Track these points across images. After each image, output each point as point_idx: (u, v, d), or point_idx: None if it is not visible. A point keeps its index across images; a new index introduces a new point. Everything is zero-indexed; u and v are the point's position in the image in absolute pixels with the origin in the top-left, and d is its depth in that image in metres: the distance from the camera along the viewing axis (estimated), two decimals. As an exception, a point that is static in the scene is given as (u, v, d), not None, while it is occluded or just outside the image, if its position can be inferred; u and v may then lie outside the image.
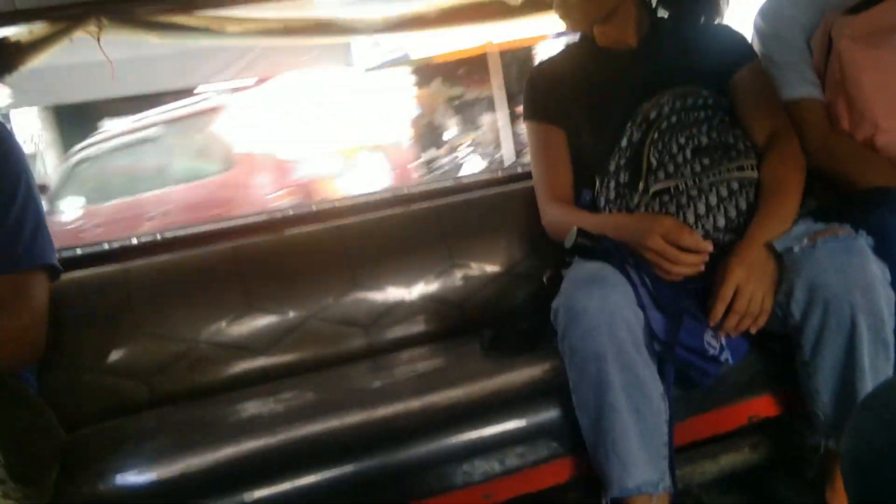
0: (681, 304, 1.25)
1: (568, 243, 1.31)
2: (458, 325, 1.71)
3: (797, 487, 1.55)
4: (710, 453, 1.48)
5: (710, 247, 1.24)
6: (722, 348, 1.25)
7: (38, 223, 1.29)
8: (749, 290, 1.22)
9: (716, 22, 1.56)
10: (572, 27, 1.57)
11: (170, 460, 1.22)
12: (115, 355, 1.58)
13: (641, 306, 1.20)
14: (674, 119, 1.38)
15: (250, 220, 1.85)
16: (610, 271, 1.21)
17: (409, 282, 1.74)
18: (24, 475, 1.10)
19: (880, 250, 1.21)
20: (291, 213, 1.87)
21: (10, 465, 1.07)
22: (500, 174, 2.01)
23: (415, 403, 1.29)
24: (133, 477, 1.20)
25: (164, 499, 1.15)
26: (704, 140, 1.36)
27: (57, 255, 1.37)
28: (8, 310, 1.22)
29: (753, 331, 1.25)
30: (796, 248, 1.22)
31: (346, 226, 1.80)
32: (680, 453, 1.37)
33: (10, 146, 1.29)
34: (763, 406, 1.37)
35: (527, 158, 1.82)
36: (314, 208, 1.88)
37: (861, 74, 1.43)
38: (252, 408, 1.42)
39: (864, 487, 0.63)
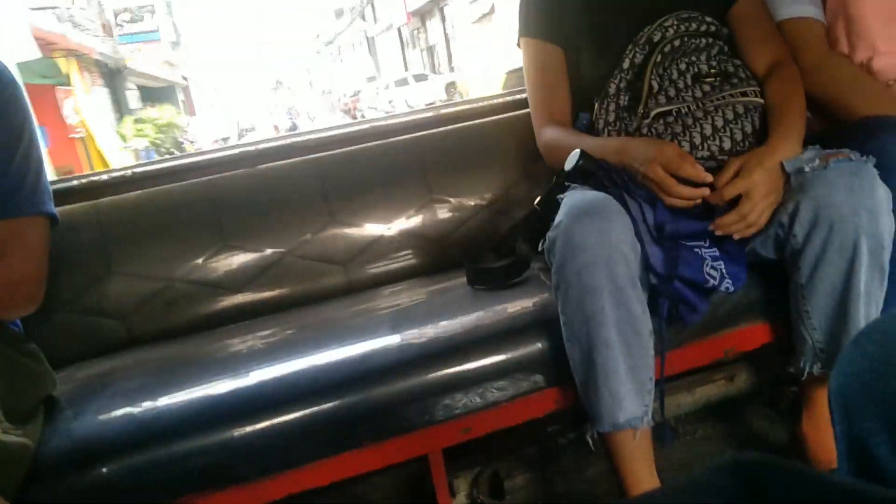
0: (672, 234, 1.24)
1: (569, 166, 1.28)
2: (438, 261, 1.70)
3: (771, 418, 1.58)
4: (686, 386, 1.51)
5: (709, 178, 1.22)
6: (722, 277, 1.24)
7: (39, 170, 1.26)
8: (757, 195, 1.21)
9: None
10: None
11: (148, 399, 1.21)
12: (89, 294, 1.56)
13: (640, 239, 1.19)
14: (677, 42, 1.35)
15: (224, 153, 1.80)
16: (609, 203, 1.18)
17: (388, 217, 1.72)
18: (20, 417, 1.11)
19: (881, 179, 1.20)
20: (266, 146, 1.82)
21: (9, 407, 1.07)
22: (482, 104, 1.96)
23: (393, 339, 1.28)
24: (111, 416, 1.19)
25: (144, 436, 1.15)
26: (704, 67, 1.34)
27: None
28: (9, 255, 1.19)
29: (737, 237, 1.24)
30: (807, 169, 1.21)
31: (323, 159, 1.76)
32: (656, 386, 1.39)
33: (15, 92, 1.25)
34: (740, 339, 1.38)
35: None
36: (289, 141, 1.83)
37: None
38: (230, 345, 1.42)
39: (850, 426, 0.63)
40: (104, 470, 1.11)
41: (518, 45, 1.60)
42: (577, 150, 1.28)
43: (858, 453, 0.61)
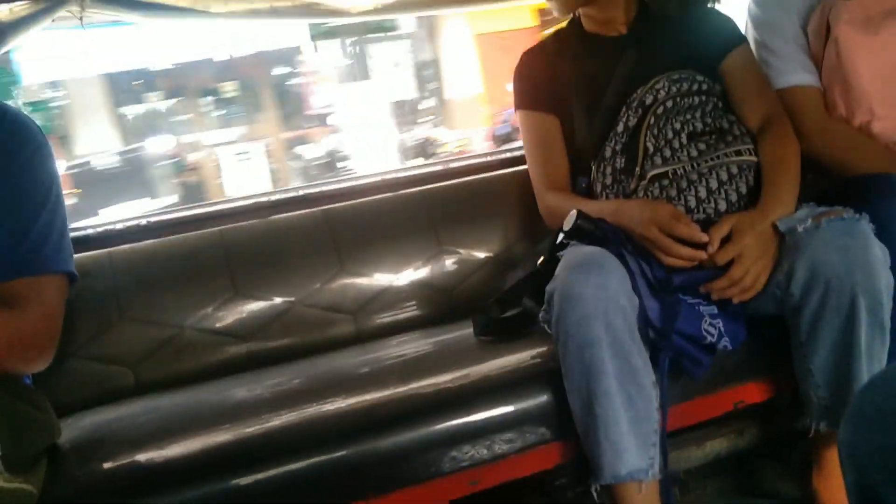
0: (678, 290, 1.25)
1: (567, 226, 1.30)
2: (446, 312, 1.71)
3: (782, 473, 1.56)
4: (695, 439, 1.49)
5: (705, 238, 1.24)
6: (721, 335, 1.25)
7: (63, 229, 1.27)
8: (750, 259, 1.22)
9: (705, 6, 1.55)
10: (558, 10, 1.56)
11: (155, 447, 1.21)
12: (100, 342, 1.57)
13: (637, 293, 1.20)
14: (669, 104, 1.37)
15: (237, 204, 1.84)
16: (607, 257, 1.20)
17: (397, 267, 1.74)
18: (21, 466, 1.10)
19: (879, 237, 1.21)
20: (278, 197, 1.85)
21: (6, 455, 1.06)
22: (490, 159, 1.99)
23: (401, 389, 1.28)
24: (118, 464, 1.19)
25: (149, 485, 1.15)
26: (699, 125, 1.36)
27: None
28: (27, 311, 1.19)
29: (736, 300, 1.25)
30: (800, 228, 1.22)
31: (334, 210, 1.78)
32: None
33: (46, 149, 1.27)
34: (749, 392, 1.37)
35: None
36: (301, 192, 1.87)
37: (858, 61, 1.43)
38: (238, 394, 1.42)
39: (861, 477, 0.63)
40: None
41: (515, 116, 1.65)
42: (574, 210, 1.30)
43: (868, 503, 0.61)
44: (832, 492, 1.32)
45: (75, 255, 1.61)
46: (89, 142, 7.40)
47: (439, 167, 1.99)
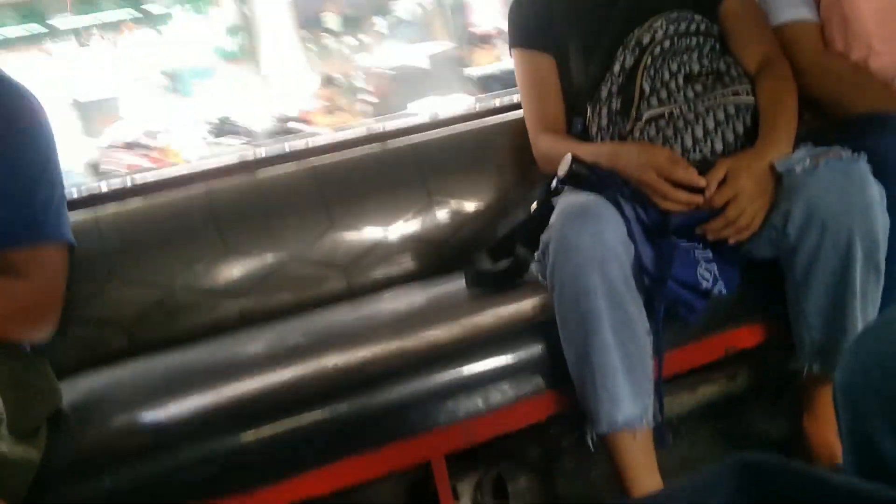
0: (674, 235, 1.25)
1: (561, 171, 1.29)
2: (439, 265, 1.70)
3: (773, 415, 1.59)
4: (687, 385, 1.51)
5: (702, 182, 1.22)
6: (715, 280, 1.25)
7: (62, 198, 1.27)
8: (746, 200, 1.21)
9: None
10: None
11: (151, 408, 1.22)
12: (91, 305, 1.56)
13: (633, 240, 1.19)
14: (667, 44, 1.35)
15: (223, 161, 1.81)
16: (602, 204, 1.19)
17: (387, 221, 1.72)
18: (25, 432, 1.11)
19: (877, 176, 1.20)
20: (264, 153, 1.82)
21: (15, 423, 1.07)
22: (477, 108, 1.96)
23: (395, 343, 1.29)
24: (114, 427, 1.20)
25: (147, 446, 1.16)
26: (696, 67, 1.34)
27: None
28: (31, 279, 1.20)
29: (732, 241, 1.25)
30: (798, 169, 1.21)
31: (321, 165, 1.76)
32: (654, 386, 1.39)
33: (43, 120, 1.25)
34: (739, 337, 1.39)
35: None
36: (287, 148, 1.84)
37: None
38: (233, 352, 1.42)
39: (857, 423, 0.63)
40: (108, 481, 1.12)
41: (510, 55, 1.61)
42: (569, 155, 1.29)
43: (863, 449, 0.62)
44: (822, 432, 1.34)
45: (61, 219, 1.60)
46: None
47: (426, 118, 1.95)
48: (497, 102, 1.97)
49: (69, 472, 1.12)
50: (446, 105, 4.69)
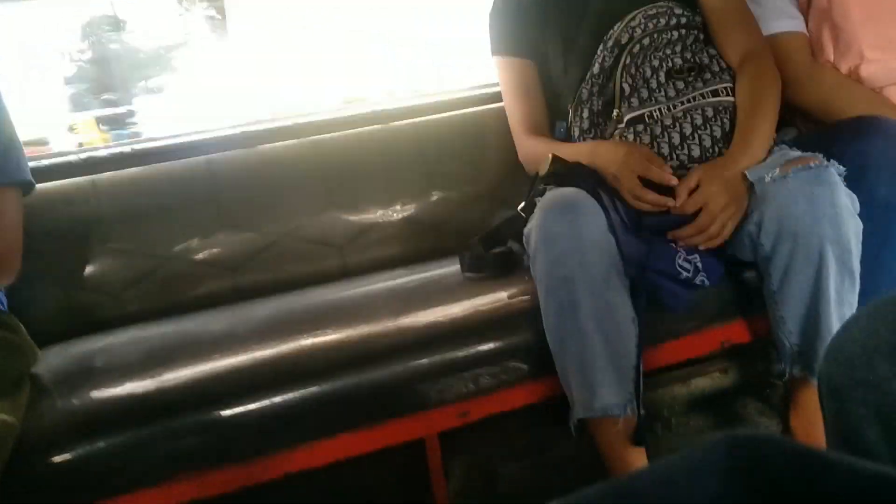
0: (651, 228, 1.25)
1: (543, 170, 1.30)
2: (434, 248, 1.70)
3: (764, 411, 1.60)
4: (681, 377, 1.52)
5: (675, 181, 1.23)
6: (697, 270, 1.25)
7: (10, 138, 1.24)
8: (717, 208, 1.22)
9: None
10: None
11: (143, 376, 1.20)
12: (84, 270, 1.55)
13: (613, 231, 1.20)
14: (646, 41, 1.35)
15: (225, 133, 1.79)
16: (583, 196, 1.20)
17: (386, 202, 1.72)
18: (1, 390, 1.09)
19: (861, 179, 1.21)
20: (266, 126, 1.81)
21: None
22: (484, 92, 1.95)
23: (389, 323, 1.29)
24: (106, 392, 1.18)
25: (138, 414, 1.14)
26: (678, 61, 1.34)
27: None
28: None
29: (703, 248, 1.25)
30: (768, 178, 1.22)
31: (323, 142, 1.75)
32: (652, 377, 1.40)
33: None
34: (735, 332, 1.39)
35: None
36: (290, 123, 1.82)
37: (850, 2, 1.41)
38: (225, 325, 1.41)
39: (841, 412, 0.63)
40: (96, 448, 1.11)
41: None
42: (550, 155, 1.30)
43: (848, 438, 0.62)
44: (808, 430, 1.35)
45: (58, 182, 1.59)
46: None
47: (431, 100, 1.94)
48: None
49: (54, 439, 1.10)
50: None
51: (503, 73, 1.58)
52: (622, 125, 1.33)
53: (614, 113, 1.34)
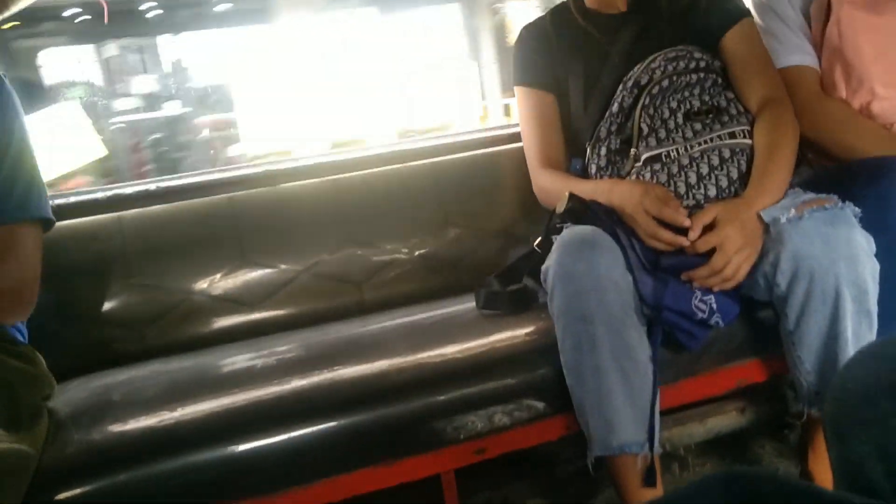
0: (668, 268, 1.25)
1: (560, 208, 1.31)
2: (451, 285, 1.72)
3: (781, 452, 1.58)
4: (698, 416, 1.51)
5: (688, 222, 1.23)
6: (712, 312, 1.25)
7: (32, 174, 1.27)
8: (732, 249, 1.21)
9: None
10: None
11: (162, 410, 1.22)
12: (107, 305, 1.57)
13: (630, 270, 1.21)
14: (665, 83, 1.36)
15: (247, 171, 1.83)
16: (600, 235, 1.21)
17: (403, 239, 1.74)
18: (15, 423, 1.10)
19: (880, 221, 1.21)
20: (288, 166, 1.85)
21: (2, 412, 1.07)
22: (500, 133, 1.99)
23: (407, 359, 1.29)
24: (125, 426, 1.20)
25: (157, 448, 1.15)
26: (697, 103, 1.36)
27: (50, 204, 1.35)
28: (2, 262, 1.20)
29: (716, 289, 1.24)
30: (783, 219, 1.22)
31: (343, 181, 1.78)
32: (669, 415, 1.39)
33: (5, 94, 1.26)
34: (752, 371, 1.39)
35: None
36: (311, 162, 1.86)
37: (861, 40, 1.43)
38: (245, 361, 1.42)
39: (845, 450, 0.63)
40: (115, 481, 1.11)
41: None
42: (567, 193, 1.31)
43: (852, 476, 0.62)
44: (826, 473, 1.33)
45: (84, 219, 1.62)
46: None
47: (447, 140, 1.98)
48: (517, 129, 1.99)
49: (73, 470, 1.12)
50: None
51: (524, 102, 1.59)
52: (639, 164, 1.34)
53: (632, 152, 1.35)
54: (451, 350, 1.32)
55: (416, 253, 1.74)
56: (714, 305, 1.25)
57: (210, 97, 7.75)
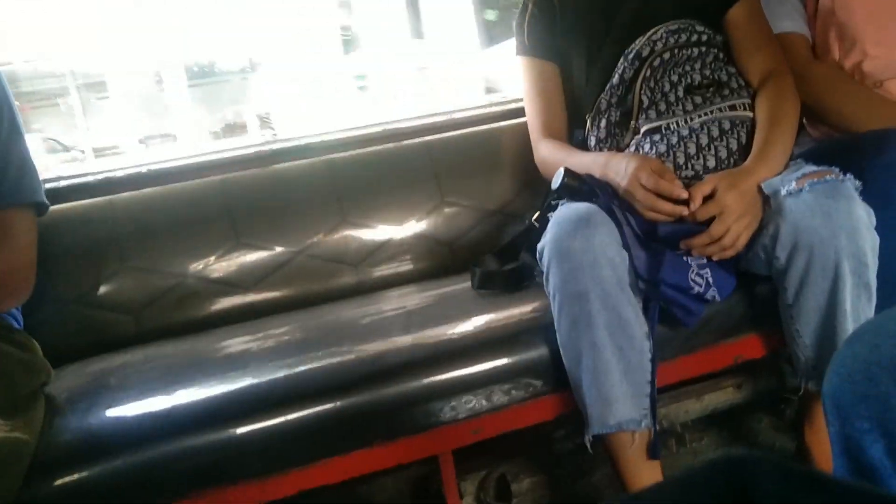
0: (665, 238, 1.25)
1: (555, 184, 1.31)
2: (447, 265, 1.71)
3: (777, 427, 1.59)
4: (694, 392, 1.51)
5: (684, 194, 1.22)
6: (708, 285, 1.24)
7: (23, 159, 1.26)
8: (731, 218, 1.20)
9: None
10: None
11: (160, 394, 1.22)
12: (101, 289, 1.56)
13: (626, 246, 1.20)
14: (667, 56, 1.35)
15: (239, 152, 1.81)
16: (595, 211, 1.21)
17: (399, 219, 1.73)
18: (11, 411, 1.09)
19: (886, 194, 1.20)
20: (281, 146, 1.83)
21: None
22: (494, 110, 1.97)
23: (403, 340, 1.29)
24: (121, 411, 1.20)
25: (154, 433, 1.15)
26: (697, 77, 1.35)
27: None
28: (4, 247, 1.19)
29: (715, 258, 1.24)
30: (783, 191, 1.21)
31: (336, 160, 1.77)
32: (665, 392, 1.40)
33: (6, 85, 1.25)
34: (749, 347, 1.38)
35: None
36: (304, 142, 1.84)
37: (854, 2, 1.44)
38: (241, 343, 1.42)
39: (844, 426, 0.63)
40: (116, 462, 1.11)
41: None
42: (562, 169, 1.30)
43: (852, 453, 0.62)
44: (823, 447, 1.34)
45: (76, 203, 1.61)
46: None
47: (442, 118, 1.96)
48: (513, 106, 1.97)
49: (69, 456, 1.11)
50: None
51: (527, 73, 1.57)
52: (639, 135, 1.33)
53: (632, 124, 1.35)
54: (447, 330, 1.32)
55: (412, 232, 1.73)
56: (710, 279, 1.24)
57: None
